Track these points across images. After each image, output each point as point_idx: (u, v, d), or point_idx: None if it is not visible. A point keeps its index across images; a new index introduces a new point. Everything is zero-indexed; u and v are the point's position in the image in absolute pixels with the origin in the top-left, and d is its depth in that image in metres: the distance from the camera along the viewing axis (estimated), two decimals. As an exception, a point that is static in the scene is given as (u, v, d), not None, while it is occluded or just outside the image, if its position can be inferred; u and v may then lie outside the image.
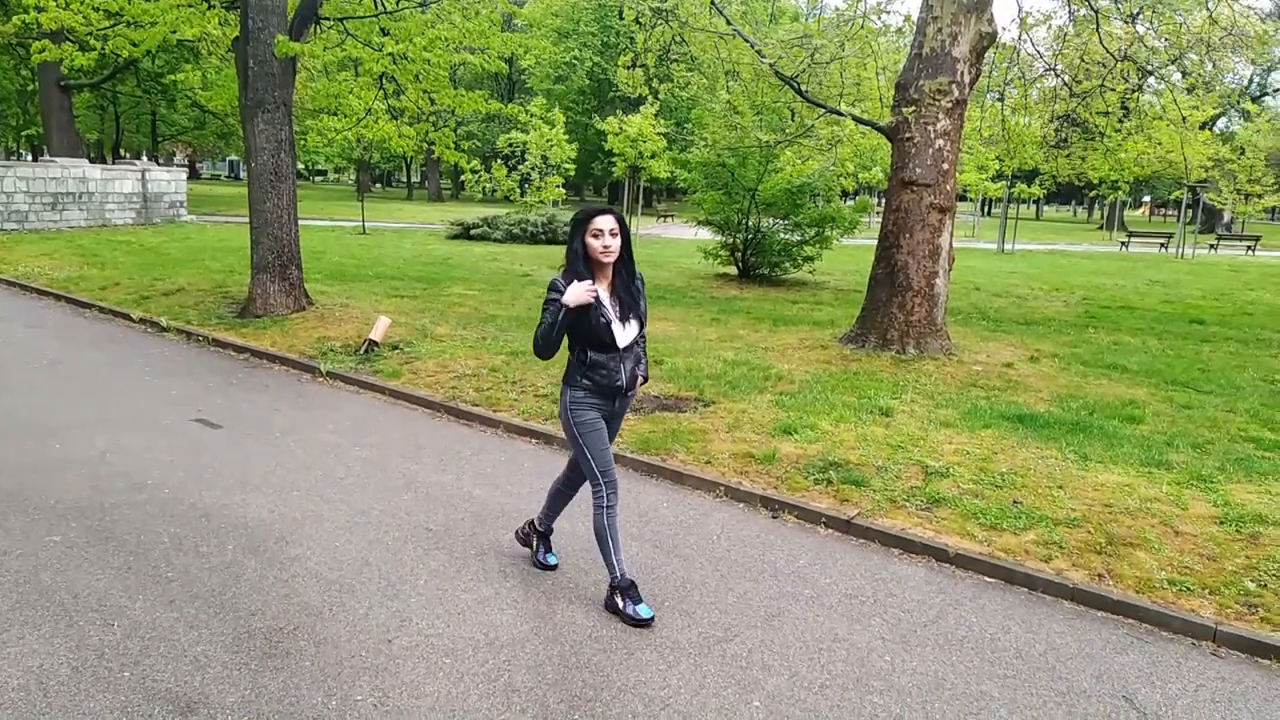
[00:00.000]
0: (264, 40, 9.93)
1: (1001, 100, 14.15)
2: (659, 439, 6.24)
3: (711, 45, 11.80)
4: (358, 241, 21.48)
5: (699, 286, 15.35)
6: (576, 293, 3.60)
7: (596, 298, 3.66)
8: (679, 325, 10.96)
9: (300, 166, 59.83)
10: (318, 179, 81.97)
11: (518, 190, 24.02)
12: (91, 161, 25.89)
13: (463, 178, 19.08)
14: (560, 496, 4.31)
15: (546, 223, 23.37)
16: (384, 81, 12.03)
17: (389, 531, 4.70)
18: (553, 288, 3.66)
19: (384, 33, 11.59)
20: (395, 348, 8.93)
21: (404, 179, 73.63)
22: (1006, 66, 13.12)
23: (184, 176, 25.87)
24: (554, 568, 4.32)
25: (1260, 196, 33.82)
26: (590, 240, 3.66)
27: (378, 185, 76.84)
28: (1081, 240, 39.75)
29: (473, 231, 23.41)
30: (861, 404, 7.15)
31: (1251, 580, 4.25)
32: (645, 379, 3.96)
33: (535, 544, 4.38)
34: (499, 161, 23.73)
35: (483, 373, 8.03)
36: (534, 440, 6.50)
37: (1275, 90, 64.74)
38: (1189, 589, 4.17)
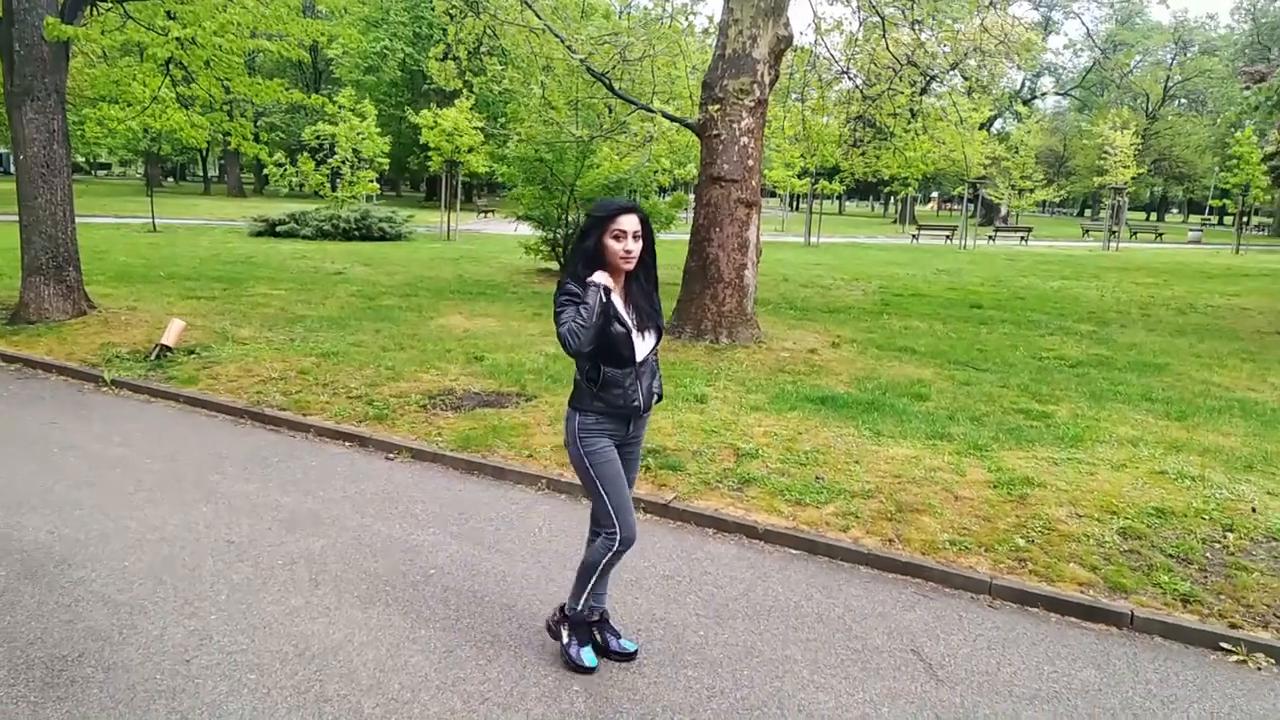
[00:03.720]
0: (31, 23, 9.03)
1: (802, 101, 14.95)
2: (480, 435, 6.19)
3: (524, 39, 11.77)
4: (147, 240, 19.92)
5: (521, 282, 15.30)
6: (604, 275, 3.12)
7: (610, 296, 3.15)
8: (500, 321, 10.89)
9: (80, 159, 54.82)
10: (101, 173, 75.18)
11: (328, 185, 23.00)
12: None
13: (266, 171, 18.08)
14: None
15: (360, 218, 22.53)
16: (171, 68, 11.20)
17: (185, 547, 4.42)
18: (565, 291, 3.13)
19: (170, 16, 10.79)
20: (191, 352, 8.36)
21: (200, 173, 68.76)
22: (806, 69, 13.86)
23: (-63, 170, 23.09)
24: (634, 655, 3.53)
25: (1032, 191, 37.31)
26: (610, 242, 3.13)
27: (170, 179, 71.43)
28: (878, 233, 42.56)
29: (279, 228, 22.22)
30: (678, 392, 7.37)
31: (1021, 537, 4.72)
32: (660, 396, 3.44)
33: (599, 635, 3.56)
34: (305, 154, 22.60)
35: (290, 375, 7.66)
36: (348, 443, 6.28)
37: (1043, 94, 71.78)
38: (968, 548, 4.59)
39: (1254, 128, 33.56)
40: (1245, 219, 38.15)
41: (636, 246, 3.16)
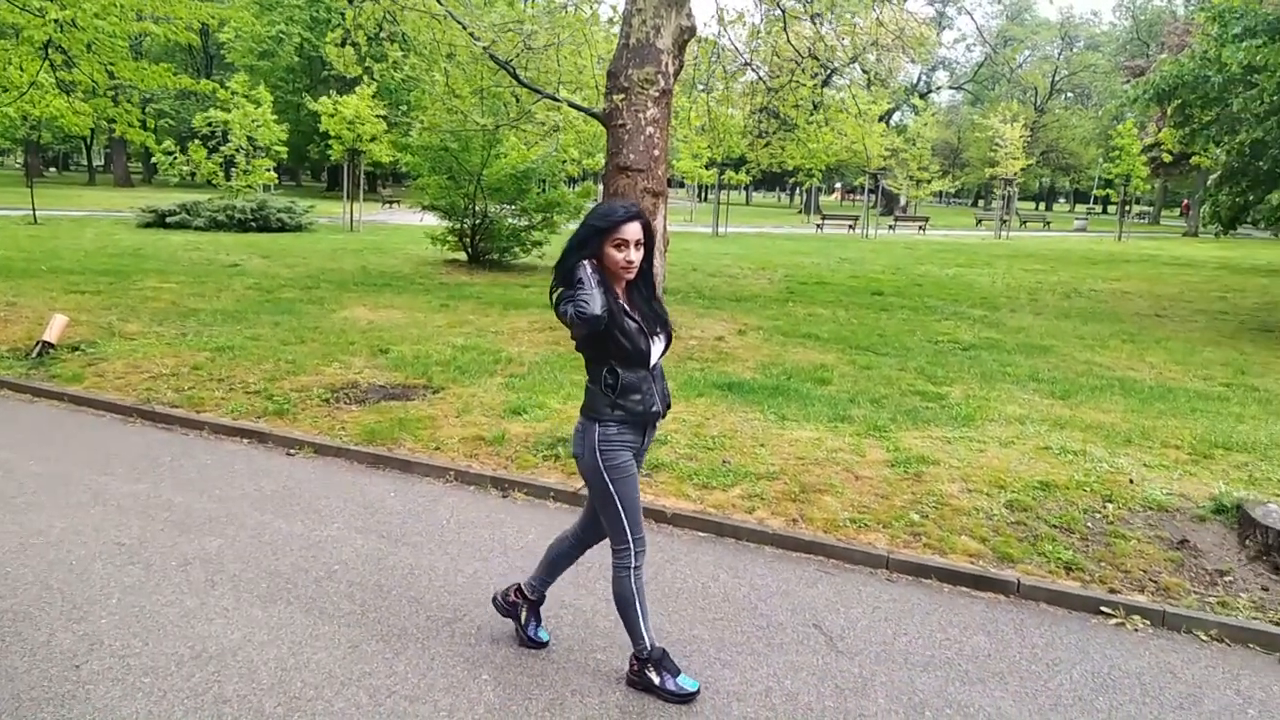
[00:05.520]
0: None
1: (707, 92, 15.11)
2: (385, 428, 6.08)
3: (425, 25, 11.54)
4: (27, 232, 18.85)
5: (428, 273, 15.06)
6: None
7: (609, 298, 2.95)
8: (406, 313, 10.70)
9: (-52, 147, 51.24)
10: (-26, 162, 70.71)
11: (221, 174, 22.10)
12: None
13: (154, 160, 17.28)
14: (565, 559, 3.53)
15: (257, 209, 21.78)
16: (50, 51, 10.63)
17: (72, 550, 4.22)
18: (563, 297, 2.94)
19: (48, -5, 10.22)
20: (76, 349, 7.97)
21: (84, 162, 65.24)
22: (710, 60, 14.01)
23: None
24: (545, 644, 3.55)
25: (929, 182, 38.56)
26: (611, 252, 2.95)
27: (52, 169, 67.70)
28: (784, 223, 43.36)
29: (169, 219, 21.30)
30: (587, 381, 7.38)
31: (916, 512, 4.91)
32: (669, 404, 3.29)
33: (524, 616, 3.56)
34: (197, 142, 21.68)
35: (183, 371, 7.38)
36: (245, 440, 6.09)
37: (938, 88, 74.24)
38: (867, 525, 4.75)
39: (1134, 120, 35.40)
40: (1127, 208, 40.28)
41: (638, 256, 3.01)
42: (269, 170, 23.64)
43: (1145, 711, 3.28)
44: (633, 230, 2.96)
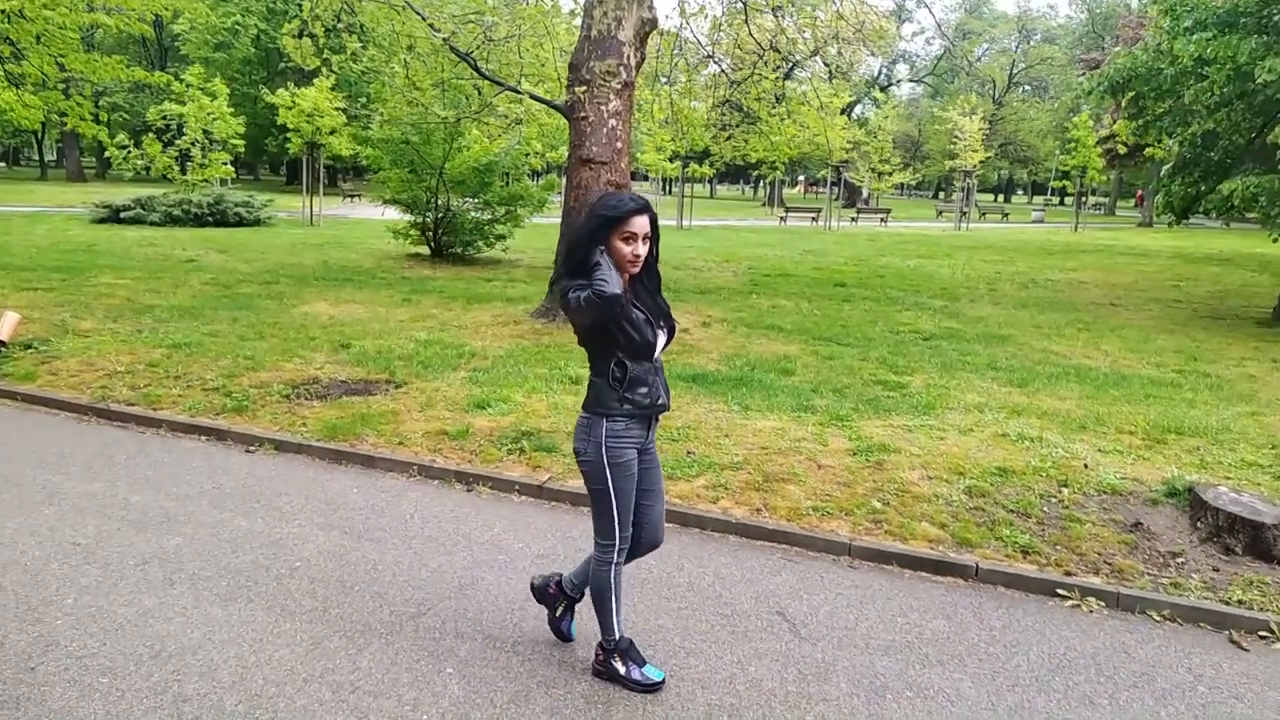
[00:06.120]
0: None
1: (670, 84, 15.11)
2: (347, 424, 6.03)
3: (384, 16, 11.42)
4: (-25, 228, 18.37)
5: (390, 267, 14.92)
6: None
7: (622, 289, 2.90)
8: (368, 307, 10.60)
9: (-110, 140, 49.88)
10: (-82, 156, 68.77)
11: (177, 168, 21.70)
12: None
13: (108, 154, 16.93)
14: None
15: (214, 203, 21.38)
16: (-4, 42, 10.37)
17: (26, 551, 4.14)
18: (575, 288, 2.89)
19: (-9, -16, 9.96)
20: (28, 347, 7.80)
21: (35, 156, 63.68)
22: (673, 53, 14.01)
23: None
24: (571, 640, 3.55)
25: (890, 174, 38.83)
26: (619, 244, 2.90)
27: (1, 164, 66.09)
28: (748, 216, 43.49)
29: (123, 214, 20.82)
30: (553, 375, 7.38)
31: (878, 500, 4.97)
32: (669, 397, 3.28)
33: (560, 610, 3.55)
34: (151, 136, 21.25)
35: (139, 368, 7.25)
36: (203, 437, 6.00)
37: (898, 81, 74.86)
38: (829, 513, 4.80)
39: (1090, 112, 35.95)
40: (1083, 199, 40.89)
41: (645, 250, 2.98)
42: (226, 164, 23.25)
43: (1100, 690, 3.36)
44: (641, 224, 2.93)
